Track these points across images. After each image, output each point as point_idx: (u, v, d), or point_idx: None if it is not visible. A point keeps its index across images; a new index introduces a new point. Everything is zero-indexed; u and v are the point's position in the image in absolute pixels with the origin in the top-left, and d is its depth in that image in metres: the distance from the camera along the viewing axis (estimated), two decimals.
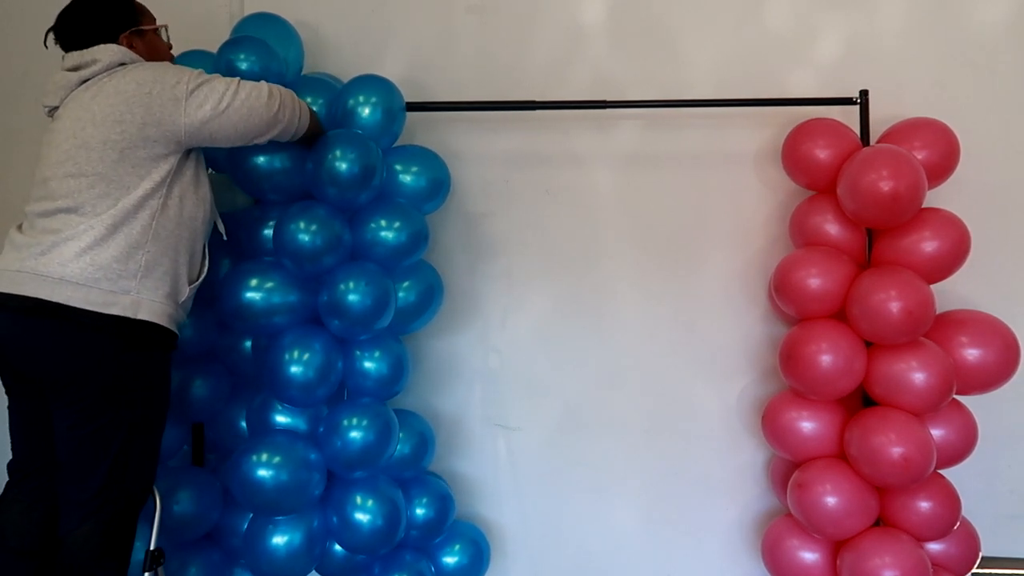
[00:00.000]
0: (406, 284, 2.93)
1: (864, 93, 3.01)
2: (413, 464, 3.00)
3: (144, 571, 2.57)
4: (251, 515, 2.84)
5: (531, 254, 3.33)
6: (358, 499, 2.77)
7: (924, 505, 2.77)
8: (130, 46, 2.48)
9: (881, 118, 3.02)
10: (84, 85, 2.39)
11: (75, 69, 2.41)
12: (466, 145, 3.29)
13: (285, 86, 2.87)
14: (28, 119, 3.23)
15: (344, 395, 2.97)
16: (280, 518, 2.74)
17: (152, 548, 2.57)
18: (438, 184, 3.06)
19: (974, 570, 2.93)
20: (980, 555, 2.91)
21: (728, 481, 3.28)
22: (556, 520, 3.34)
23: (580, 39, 3.30)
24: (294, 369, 2.69)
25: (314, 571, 2.94)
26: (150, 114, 2.31)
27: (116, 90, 2.32)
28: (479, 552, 3.12)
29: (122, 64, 2.41)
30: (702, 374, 3.27)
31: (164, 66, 2.43)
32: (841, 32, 3.21)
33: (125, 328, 2.28)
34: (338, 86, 3.04)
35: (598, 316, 3.32)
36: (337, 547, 2.91)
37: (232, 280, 2.76)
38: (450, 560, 3.06)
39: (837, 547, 2.88)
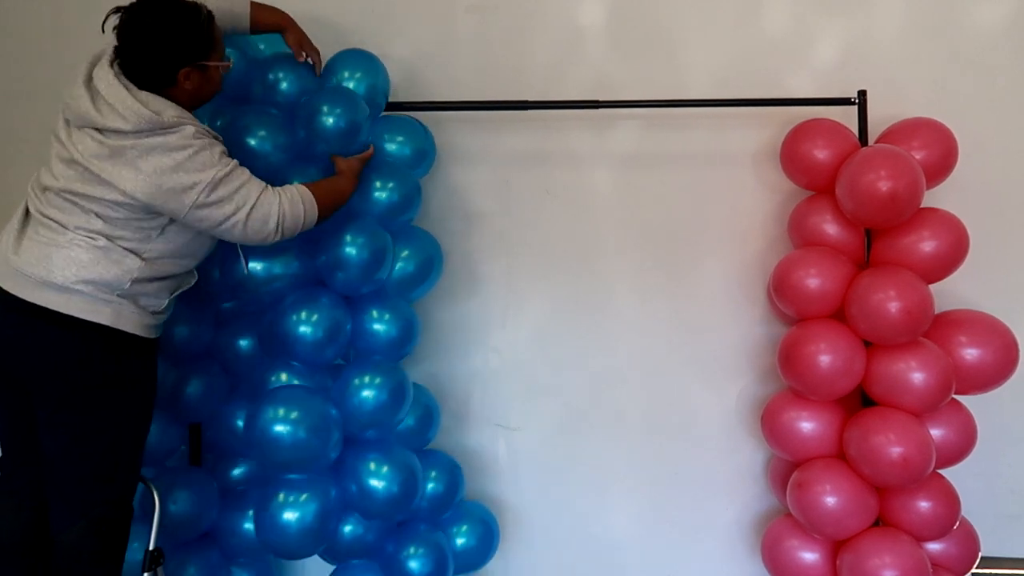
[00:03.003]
0: (405, 253, 2.95)
1: (862, 93, 3.00)
2: (419, 435, 3.01)
3: (144, 571, 2.57)
4: (252, 516, 2.82)
5: (531, 254, 3.33)
6: (373, 465, 2.76)
7: (924, 505, 2.77)
8: (186, 79, 2.36)
9: (879, 118, 3.01)
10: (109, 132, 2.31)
11: (95, 96, 2.29)
12: (466, 145, 3.29)
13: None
14: (28, 119, 3.25)
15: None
16: (294, 487, 2.69)
17: (151, 548, 2.58)
18: (422, 154, 3.06)
19: (973, 570, 2.93)
20: (980, 555, 2.91)
21: (727, 481, 3.28)
22: (556, 520, 3.34)
23: (580, 40, 3.30)
24: (303, 329, 2.72)
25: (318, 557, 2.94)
26: (155, 200, 2.28)
27: (134, 163, 2.26)
28: (488, 531, 3.12)
29: (150, 132, 2.28)
30: (701, 374, 3.28)
31: (188, 152, 2.29)
32: (839, 33, 3.21)
33: (108, 336, 2.30)
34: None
35: (598, 316, 3.32)
36: (347, 528, 2.88)
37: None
38: (460, 541, 3.05)
39: (837, 547, 2.88)
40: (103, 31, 2.34)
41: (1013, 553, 3.19)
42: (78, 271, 2.24)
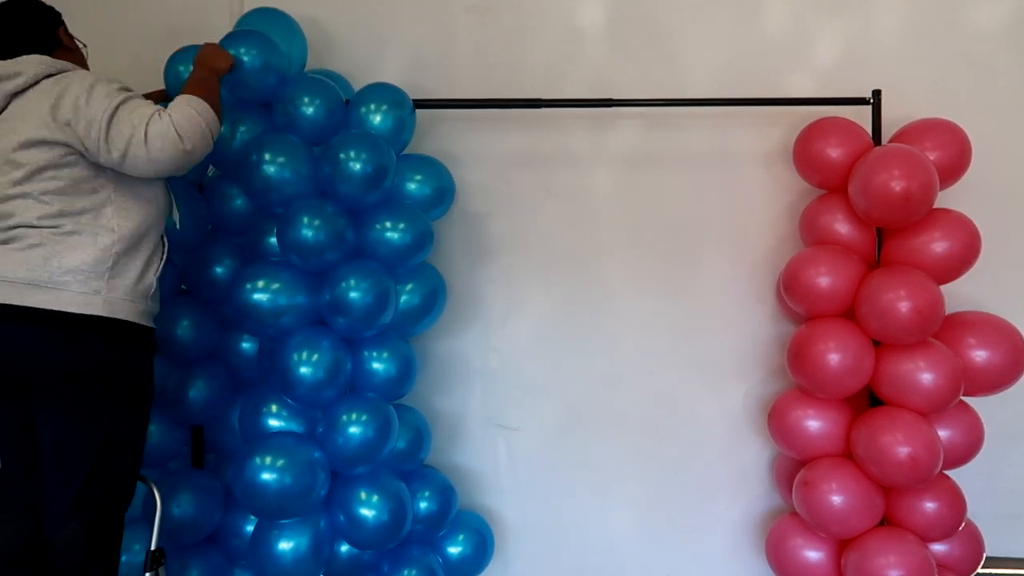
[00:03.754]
0: (410, 287, 2.94)
1: (876, 93, 3.01)
2: (410, 458, 2.99)
3: (145, 572, 2.55)
4: (255, 519, 2.84)
5: (531, 254, 3.33)
6: (363, 495, 2.77)
7: (930, 505, 2.78)
8: (66, 34, 2.48)
9: (883, 119, 3.03)
10: (18, 98, 2.34)
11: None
12: (466, 146, 3.28)
13: (288, 81, 2.89)
14: None
15: None
16: (286, 522, 2.73)
17: (153, 548, 2.56)
18: (442, 192, 3.08)
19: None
20: (984, 556, 2.91)
21: (731, 480, 3.28)
22: (556, 520, 3.33)
23: (580, 40, 3.30)
24: (303, 370, 2.69)
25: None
26: (66, 136, 2.29)
27: (39, 113, 2.28)
28: (483, 541, 3.13)
29: (48, 76, 2.35)
30: (705, 374, 3.28)
31: (83, 88, 2.32)
32: (839, 33, 3.22)
33: (103, 327, 2.29)
34: (339, 84, 3.04)
35: (599, 316, 3.31)
36: (344, 548, 2.90)
37: (239, 282, 2.76)
38: (454, 550, 3.07)
39: (842, 546, 2.88)
40: None
41: (1014, 553, 3.20)
42: (60, 262, 2.24)
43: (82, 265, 2.26)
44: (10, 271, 2.22)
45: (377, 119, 2.93)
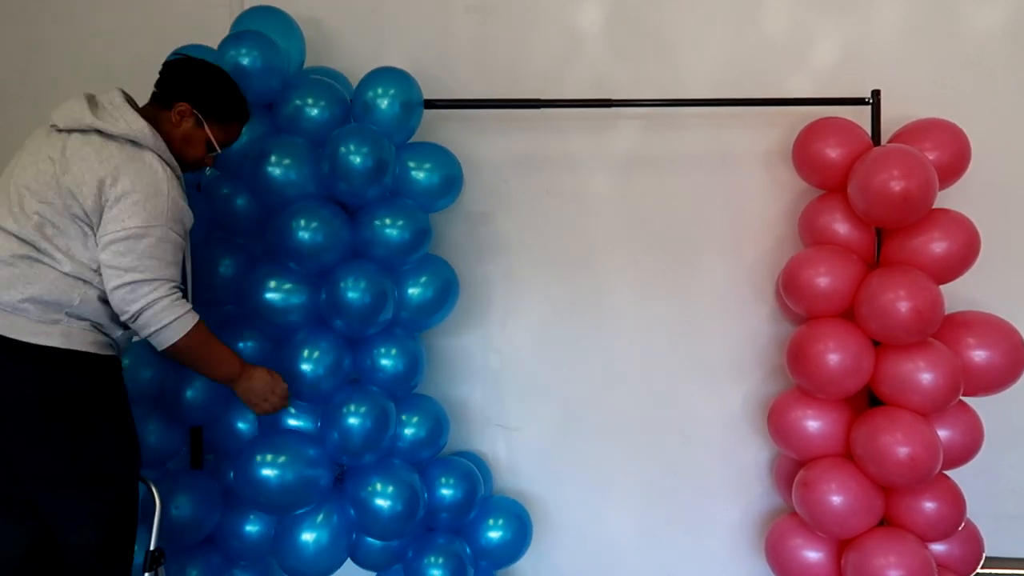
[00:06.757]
0: (423, 280, 2.95)
1: (876, 93, 3.01)
2: (429, 445, 2.99)
3: (144, 572, 2.54)
4: (253, 519, 2.91)
5: (532, 254, 3.33)
6: (377, 486, 2.79)
7: (929, 505, 2.78)
8: (179, 114, 2.39)
9: (882, 119, 3.03)
10: (92, 134, 2.28)
11: (93, 106, 2.29)
12: (466, 146, 3.27)
13: (287, 81, 2.89)
14: (28, 119, 3.21)
15: None
16: (304, 516, 2.78)
17: (152, 548, 2.55)
18: (451, 181, 3.07)
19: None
20: (984, 556, 2.91)
21: (731, 480, 3.29)
22: (556, 520, 3.34)
23: (580, 40, 3.30)
24: (304, 367, 2.74)
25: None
26: (91, 210, 2.23)
27: (93, 173, 2.22)
28: (522, 525, 3.12)
29: (133, 143, 2.29)
30: (705, 374, 3.28)
31: (146, 192, 2.24)
32: (838, 34, 3.23)
33: (57, 356, 2.20)
34: (339, 82, 3.04)
35: (598, 316, 3.32)
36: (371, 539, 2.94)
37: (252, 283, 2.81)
38: (494, 535, 3.07)
39: (841, 546, 2.89)
40: None
41: (1013, 553, 3.21)
42: (23, 290, 2.17)
43: (45, 295, 2.18)
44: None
45: (384, 104, 2.90)
